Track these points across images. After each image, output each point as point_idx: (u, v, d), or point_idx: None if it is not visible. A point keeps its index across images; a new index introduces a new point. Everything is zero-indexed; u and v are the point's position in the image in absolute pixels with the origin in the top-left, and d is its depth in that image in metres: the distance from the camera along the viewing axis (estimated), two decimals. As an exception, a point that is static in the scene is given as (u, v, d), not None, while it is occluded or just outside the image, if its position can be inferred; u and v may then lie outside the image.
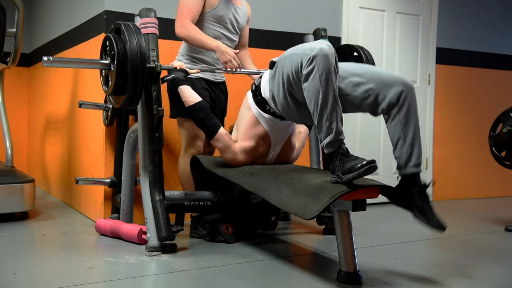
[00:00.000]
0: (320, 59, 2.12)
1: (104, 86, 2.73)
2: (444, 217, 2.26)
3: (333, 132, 2.15)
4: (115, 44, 2.55)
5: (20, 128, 5.50)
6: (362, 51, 3.15)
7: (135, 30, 2.59)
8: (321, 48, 2.13)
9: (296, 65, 2.22)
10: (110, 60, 2.62)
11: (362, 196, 2.17)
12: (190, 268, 2.45)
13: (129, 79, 2.54)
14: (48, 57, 2.54)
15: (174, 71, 2.75)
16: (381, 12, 4.51)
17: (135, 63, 2.53)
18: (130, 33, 2.56)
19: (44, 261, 2.61)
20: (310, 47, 2.18)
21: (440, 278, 2.37)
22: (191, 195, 2.88)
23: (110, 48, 2.62)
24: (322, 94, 2.13)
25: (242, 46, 3.24)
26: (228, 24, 3.04)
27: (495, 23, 5.12)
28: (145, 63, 2.58)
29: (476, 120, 4.99)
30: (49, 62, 2.53)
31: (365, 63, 3.07)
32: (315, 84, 2.13)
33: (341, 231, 2.25)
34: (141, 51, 2.54)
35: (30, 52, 5.48)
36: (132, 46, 2.53)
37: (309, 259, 2.80)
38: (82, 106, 3.37)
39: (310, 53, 2.15)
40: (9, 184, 3.45)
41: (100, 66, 2.70)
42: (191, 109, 2.67)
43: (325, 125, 2.15)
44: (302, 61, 2.18)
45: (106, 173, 3.42)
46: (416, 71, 4.71)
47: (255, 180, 2.46)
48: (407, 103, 2.25)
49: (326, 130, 2.16)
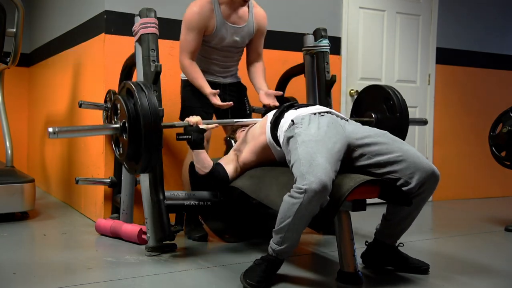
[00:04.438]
0: (307, 198, 2.02)
1: (116, 149, 2.55)
2: (444, 217, 2.26)
3: (282, 247, 2.18)
4: (126, 107, 2.35)
5: (20, 128, 5.50)
6: (396, 98, 3.04)
7: (147, 92, 2.39)
8: (314, 190, 2.00)
9: (294, 175, 2.15)
10: (121, 125, 2.42)
11: (362, 196, 2.18)
12: (190, 268, 2.45)
13: (143, 147, 2.35)
14: (54, 128, 2.28)
15: (190, 130, 2.52)
16: (381, 12, 4.51)
17: (148, 126, 2.33)
18: (141, 96, 2.36)
19: (44, 261, 2.61)
20: (309, 176, 2.03)
21: (440, 278, 2.37)
22: (191, 195, 2.88)
23: (120, 112, 2.43)
24: (289, 221, 2.10)
25: (253, 60, 3.16)
26: (225, 46, 3.00)
27: (495, 23, 5.12)
28: (159, 126, 2.39)
29: (476, 120, 4.99)
30: (55, 134, 2.28)
31: (398, 115, 3.02)
32: (290, 210, 2.07)
33: (341, 231, 2.25)
34: (154, 114, 2.34)
35: (30, 52, 5.48)
36: (145, 110, 2.33)
37: (309, 259, 2.80)
38: (82, 106, 3.36)
39: (304, 184, 2.02)
40: (9, 184, 3.45)
41: (110, 131, 2.50)
42: (202, 177, 2.62)
43: (279, 238, 2.17)
44: (296, 180, 2.10)
45: (106, 173, 3.42)
46: (416, 71, 4.71)
47: (256, 184, 2.46)
48: (424, 195, 2.29)
49: (277, 240, 2.18)
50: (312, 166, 2.06)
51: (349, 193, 2.07)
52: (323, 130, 2.24)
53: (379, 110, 3.14)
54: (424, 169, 2.21)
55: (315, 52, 3.34)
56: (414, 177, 2.21)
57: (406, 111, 3.06)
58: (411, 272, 2.40)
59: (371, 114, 3.17)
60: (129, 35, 3.11)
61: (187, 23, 2.91)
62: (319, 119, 2.32)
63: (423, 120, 3.47)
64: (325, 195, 2.04)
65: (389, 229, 2.43)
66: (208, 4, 2.90)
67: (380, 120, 3.12)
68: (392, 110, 3.08)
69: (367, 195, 2.20)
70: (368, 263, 2.51)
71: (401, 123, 3.04)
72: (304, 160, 2.09)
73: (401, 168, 2.23)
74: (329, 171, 2.06)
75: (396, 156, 2.24)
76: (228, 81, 3.14)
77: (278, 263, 2.24)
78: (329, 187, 2.04)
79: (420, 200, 2.30)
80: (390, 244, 2.45)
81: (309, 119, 2.32)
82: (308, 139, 2.19)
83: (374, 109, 3.17)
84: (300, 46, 3.44)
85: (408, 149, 2.27)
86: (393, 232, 2.43)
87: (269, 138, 2.50)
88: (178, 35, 3.24)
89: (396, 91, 3.13)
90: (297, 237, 2.19)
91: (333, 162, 2.13)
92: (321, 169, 2.04)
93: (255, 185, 2.46)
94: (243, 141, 2.70)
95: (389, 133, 2.37)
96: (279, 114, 2.49)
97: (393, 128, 2.98)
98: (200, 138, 2.51)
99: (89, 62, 3.73)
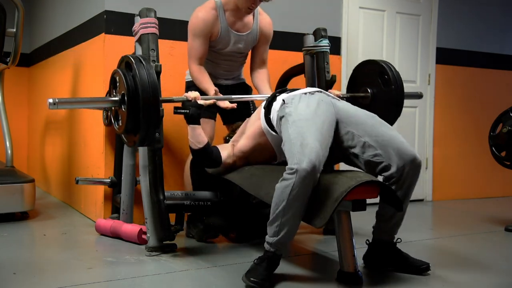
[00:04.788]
0: (299, 177, 2.06)
1: (115, 123, 2.56)
2: (444, 217, 2.26)
3: (278, 238, 2.18)
4: (125, 80, 2.36)
5: (20, 128, 5.49)
6: (391, 71, 3.03)
7: (146, 65, 2.40)
8: (305, 169, 2.05)
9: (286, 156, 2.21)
10: (120, 97, 2.43)
11: (362, 196, 2.18)
12: (190, 268, 2.45)
13: (142, 119, 2.36)
14: (54, 99, 2.31)
15: (188, 105, 2.56)
16: (381, 12, 4.51)
17: (147, 100, 2.34)
18: (140, 69, 2.37)
19: (44, 261, 2.61)
20: (299, 156, 2.09)
21: (440, 278, 2.37)
22: (191, 195, 2.88)
23: (120, 84, 2.43)
24: (284, 205, 2.12)
25: (257, 66, 3.14)
26: (228, 51, 3.00)
27: (496, 23, 5.12)
28: (158, 100, 2.41)
29: (476, 120, 4.99)
30: (55, 105, 2.32)
31: (393, 87, 3.00)
32: (283, 194, 2.11)
33: (341, 231, 2.25)
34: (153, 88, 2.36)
35: (30, 52, 5.48)
36: (144, 82, 2.34)
37: (309, 259, 2.80)
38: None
39: (295, 164, 2.08)
40: (9, 184, 3.45)
41: (109, 104, 2.52)
42: (194, 152, 2.63)
43: (274, 228, 2.18)
44: (288, 161, 2.16)
45: (106, 173, 3.42)
46: (416, 71, 4.71)
47: (256, 183, 2.46)
48: (407, 182, 2.30)
49: (272, 232, 2.19)
50: (302, 146, 2.12)
51: (350, 190, 2.08)
52: (313, 107, 2.30)
53: (374, 85, 3.10)
54: (405, 155, 2.26)
55: (315, 52, 3.34)
56: (396, 162, 2.26)
57: (401, 83, 3.03)
58: (412, 271, 2.40)
59: (367, 89, 3.12)
60: (129, 35, 3.11)
61: (192, 30, 2.90)
62: (309, 98, 2.38)
63: (418, 94, 3.45)
64: (315, 174, 2.09)
65: (383, 224, 2.45)
66: (212, 11, 2.89)
67: (376, 95, 3.09)
68: (387, 84, 3.03)
69: (367, 195, 2.20)
70: (369, 264, 2.51)
71: (396, 96, 3.01)
72: (294, 140, 2.16)
73: (384, 152, 2.28)
74: (318, 150, 2.12)
75: (381, 139, 2.30)
76: (232, 82, 3.14)
77: (276, 258, 2.24)
78: (318, 167, 2.09)
79: (406, 189, 2.32)
80: (388, 240, 2.46)
81: (299, 98, 2.37)
82: (298, 118, 2.25)
83: (369, 84, 3.13)
84: (300, 46, 3.44)
85: (394, 134, 2.32)
86: (387, 227, 2.45)
87: (263, 123, 2.53)
88: (178, 35, 3.26)
89: (390, 64, 3.09)
90: (294, 225, 2.18)
91: (323, 141, 2.19)
92: (310, 149, 2.10)
93: (256, 183, 2.46)
94: (241, 133, 2.72)
95: (377, 116, 2.42)
96: (272, 98, 2.54)
97: (388, 101, 3.01)
98: (197, 113, 2.56)
99: (89, 62, 3.73)
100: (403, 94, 3.04)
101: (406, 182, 2.30)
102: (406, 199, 2.35)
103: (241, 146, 2.65)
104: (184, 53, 3.10)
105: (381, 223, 2.46)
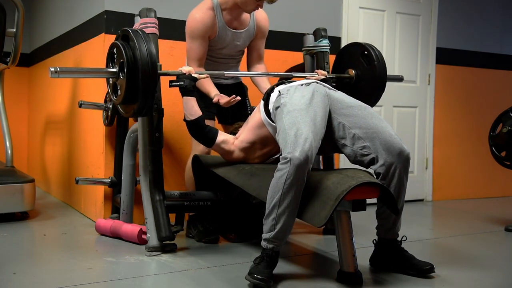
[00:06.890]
0: (293, 166, 2.10)
1: (112, 95, 2.60)
2: (444, 217, 2.26)
3: (274, 232, 2.19)
4: (124, 51, 2.42)
5: (20, 128, 5.50)
6: (373, 50, 3.11)
7: (144, 37, 2.46)
8: (298, 158, 2.10)
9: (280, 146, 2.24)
10: (118, 68, 2.49)
11: (362, 196, 2.18)
12: (190, 268, 2.45)
13: (140, 88, 2.40)
14: (55, 68, 2.39)
15: (183, 77, 2.62)
16: (381, 12, 4.51)
17: (146, 71, 2.39)
18: (139, 40, 2.43)
19: (44, 261, 2.61)
20: (293, 145, 2.14)
21: (440, 278, 2.37)
22: (191, 195, 2.88)
23: (118, 55, 2.48)
24: (280, 196, 2.14)
25: (254, 61, 3.15)
26: (226, 49, 3.00)
27: (495, 23, 5.12)
28: (157, 71, 2.46)
29: (476, 120, 4.99)
30: (57, 73, 2.38)
31: (376, 63, 3.06)
32: (278, 184, 2.14)
33: (341, 231, 2.25)
34: (152, 58, 2.41)
35: (30, 52, 5.48)
36: (143, 53, 2.40)
37: (309, 259, 2.80)
38: (82, 106, 3.37)
39: (288, 152, 2.13)
40: (9, 184, 3.45)
41: (108, 75, 2.56)
42: (187, 123, 2.66)
43: (271, 222, 2.19)
44: (282, 150, 2.21)
45: (106, 173, 3.42)
46: (416, 71, 4.71)
47: (257, 183, 2.46)
48: (396, 177, 2.32)
49: (269, 226, 2.20)
50: (296, 136, 2.17)
51: (350, 189, 2.08)
52: (307, 98, 2.34)
53: (358, 66, 3.18)
54: (392, 148, 2.29)
55: (315, 52, 3.34)
56: (383, 155, 2.29)
57: (383, 61, 3.11)
58: (416, 272, 2.38)
59: (351, 70, 3.20)
60: (129, 35, 3.11)
61: (190, 32, 2.89)
62: (304, 88, 2.42)
63: (399, 77, 3.52)
64: (308, 164, 2.13)
65: (385, 222, 2.45)
66: (209, 11, 2.88)
67: (360, 76, 3.17)
68: (370, 61, 3.11)
69: (367, 195, 2.20)
70: (376, 265, 2.50)
71: (379, 72, 3.09)
72: (289, 130, 2.20)
73: (373, 144, 2.32)
74: (311, 140, 2.16)
75: (371, 132, 2.33)
76: (230, 81, 3.14)
77: (275, 255, 2.24)
78: (310, 157, 2.13)
79: (397, 183, 2.32)
80: (392, 238, 2.45)
81: (295, 89, 2.42)
82: (293, 108, 2.30)
83: (353, 65, 3.20)
84: (300, 46, 3.44)
85: (383, 127, 2.35)
86: (388, 225, 2.44)
87: (263, 115, 2.55)
88: (178, 35, 3.25)
89: (372, 45, 3.18)
90: (289, 219, 2.18)
91: (317, 132, 2.23)
92: (304, 139, 2.15)
93: (256, 184, 2.46)
94: (243, 127, 2.74)
95: (370, 107, 2.46)
96: (270, 90, 2.57)
97: (372, 77, 3.09)
98: (192, 85, 2.61)
99: (89, 62, 3.72)
100: (385, 70, 3.12)
101: (395, 176, 2.31)
102: (400, 196, 2.35)
103: (243, 138, 2.67)
104: (184, 53, 3.09)
105: (382, 221, 2.46)
